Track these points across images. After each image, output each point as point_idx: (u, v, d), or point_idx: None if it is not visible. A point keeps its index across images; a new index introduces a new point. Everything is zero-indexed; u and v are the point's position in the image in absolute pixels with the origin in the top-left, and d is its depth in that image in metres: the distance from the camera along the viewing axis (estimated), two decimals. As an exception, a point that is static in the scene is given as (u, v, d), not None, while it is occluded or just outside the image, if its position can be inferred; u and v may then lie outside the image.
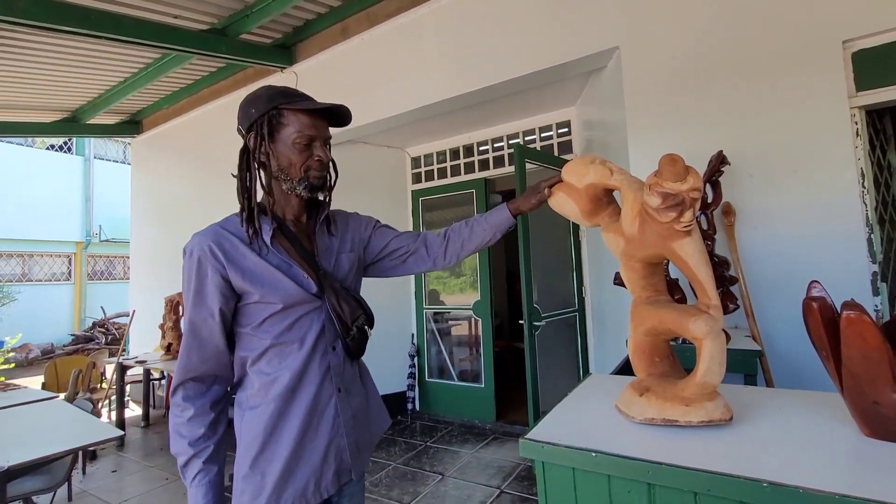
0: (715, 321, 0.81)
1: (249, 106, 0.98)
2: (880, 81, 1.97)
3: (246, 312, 0.96)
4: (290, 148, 0.96)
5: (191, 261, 0.94)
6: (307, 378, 0.96)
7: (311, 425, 0.96)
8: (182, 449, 0.91)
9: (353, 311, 1.00)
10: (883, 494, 0.55)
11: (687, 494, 0.64)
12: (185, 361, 0.93)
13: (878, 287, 1.93)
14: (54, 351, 9.03)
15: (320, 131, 0.99)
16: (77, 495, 2.90)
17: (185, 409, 0.93)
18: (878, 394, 0.69)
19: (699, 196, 0.79)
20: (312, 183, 0.99)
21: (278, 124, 0.96)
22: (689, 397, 0.82)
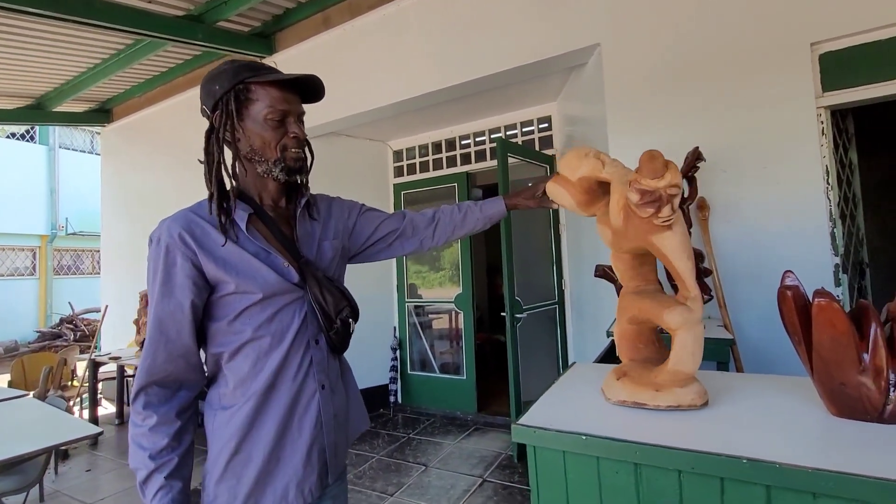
0: (691, 312, 0.85)
1: (212, 82, 0.89)
2: (845, 83, 2.06)
3: (220, 304, 0.88)
4: (261, 125, 0.88)
5: (157, 249, 0.85)
6: (287, 374, 0.89)
7: (292, 424, 0.89)
8: (142, 462, 0.81)
9: (336, 302, 0.94)
10: (849, 467, 0.59)
11: (671, 473, 0.68)
12: (148, 362, 0.84)
13: (839, 278, 2.04)
14: (18, 348, 8.67)
15: (293, 106, 0.91)
16: (49, 495, 2.82)
17: (146, 416, 0.83)
18: (844, 376, 0.75)
19: (677, 192, 0.81)
20: (289, 165, 0.91)
21: (246, 100, 0.88)
22: (660, 383, 0.87)
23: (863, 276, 2.81)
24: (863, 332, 0.74)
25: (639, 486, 0.70)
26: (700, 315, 0.86)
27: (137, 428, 0.83)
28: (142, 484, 0.82)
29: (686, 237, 0.84)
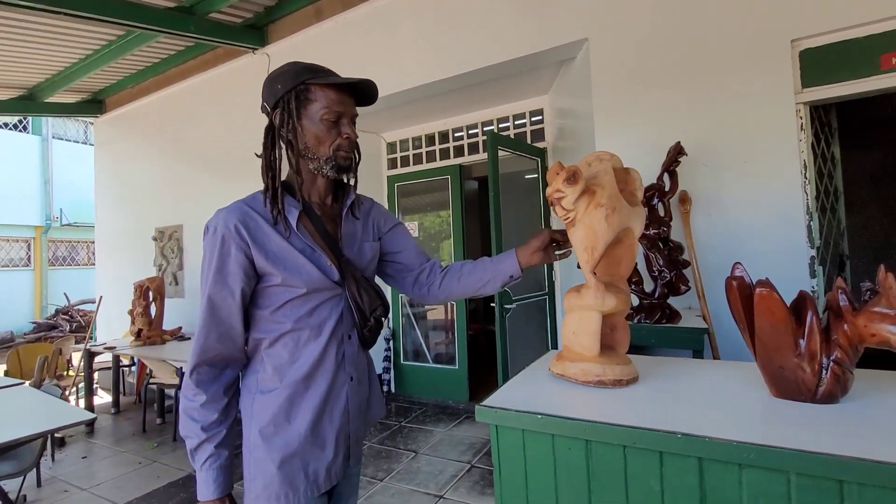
0: (577, 298, 0.99)
1: (274, 82, 0.95)
2: (824, 79, 2.11)
3: (266, 294, 0.93)
4: (317, 125, 0.93)
5: (214, 238, 0.91)
6: (324, 365, 0.95)
7: (325, 412, 0.95)
8: (193, 433, 0.89)
9: (371, 301, 0.98)
10: (773, 440, 0.65)
11: (617, 448, 0.73)
12: (202, 342, 0.90)
13: (815, 270, 2.10)
14: (14, 339, 8.70)
15: (348, 108, 0.96)
16: (46, 481, 2.88)
17: (197, 393, 0.90)
18: (783, 359, 0.80)
19: (561, 196, 0.95)
20: (340, 163, 0.95)
21: (305, 100, 0.93)
22: (560, 355, 1.03)
23: (842, 269, 2.88)
24: (801, 319, 0.80)
25: (589, 460, 0.76)
26: (587, 302, 0.96)
27: (190, 402, 0.91)
28: (193, 451, 0.90)
29: (588, 232, 0.94)
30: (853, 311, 0.77)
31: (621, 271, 1.03)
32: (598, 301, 0.95)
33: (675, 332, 1.81)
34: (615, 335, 1.03)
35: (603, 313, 0.95)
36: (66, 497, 2.68)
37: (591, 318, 0.96)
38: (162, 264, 4.71)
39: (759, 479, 0.64)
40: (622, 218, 0.94)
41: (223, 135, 4.21)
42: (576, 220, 0.95)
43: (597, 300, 0.95)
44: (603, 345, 0.98)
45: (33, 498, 2.67)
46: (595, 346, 0.95)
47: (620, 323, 1.02)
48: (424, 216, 4.56)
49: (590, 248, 0.94)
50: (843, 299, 0.79)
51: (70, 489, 2.77)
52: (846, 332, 0.78)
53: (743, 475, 0.65)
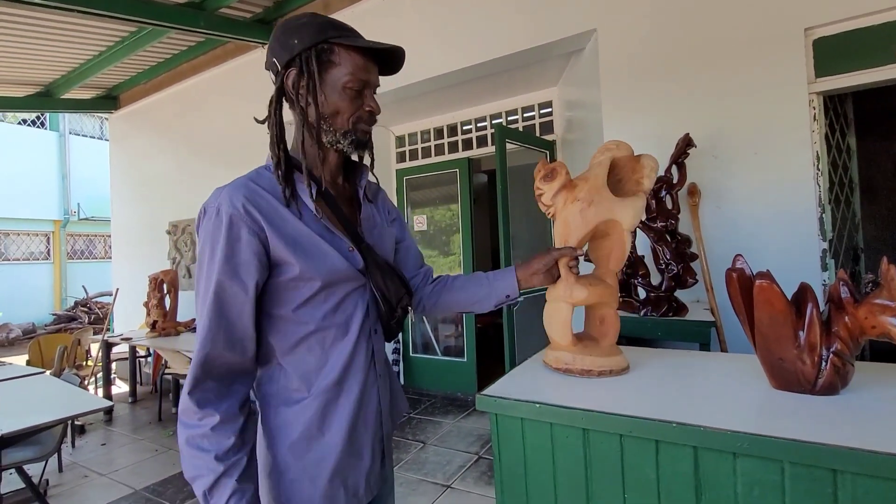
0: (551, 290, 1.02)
1: (290, 35, 0.78)
2: (839, 68, 2.06)
3: (279, 290, 0.78)
4: (339, 93, 0.79)
5: (217, 221, 0.74)
6: (355, 366, 0.82)
7: (360, 417, 0.83)
8: (206, 467, 0.69)
9: (398, 290, 0.86)
10: (768, 430, 0.65)
11: (614, 437, 0.74)
12: (205, 351, 0.72)
13: (826, 263, 2.07)
14: (35, 331, 8.96)
15: (373, 76, 0.83)
16: (67, 466, 2.98)
17: (205, 415, 0.71)
18: (782, 351, 0.80)
19: (539, 193, 1.03)
20: (359, 138, 0.82)
21: (328, 62, 0.78)
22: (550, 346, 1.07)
23: (857, 262, 2.83)
24: (802, 311, 0.80)
25: (586, 448, 0.77)
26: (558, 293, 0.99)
27: (195, 429, 0.71)
28: (207, 492, 0.70)
29: (562, 226, 0.99)
30: (854, 303, 0.77)
31: (610, 265, 1.03)
32: (566, 293, 0.98)
33: (682, 325, 1.81)
34: (602, 327, 1.04)
35: (573, 304, 0.98)
36: (86, 482, 2.78)
37: (560, 308, 0.99)
38: (176, 257, 4.81)
39: (753, 468, 0.65)
40: (601, 210, 0.95)
41: (234, 129, 4.26)
42: (556, 214, 1.00)
43: (565, 292, 0.98)
44: (587, 335, 1.02)
45: (55, 482, 2.77)
46: (565, 336, 0.99)
47: (609, 315, 1.03)
48: (433, 210, 4.58)
49: (562, 241, 0.99)
50: (845, 291, 0.79)
51: (90, 474, 2.87)
52: (847, 323, 0.78)
53: (737, 464, 0.66)
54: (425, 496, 2.41)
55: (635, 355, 1.13)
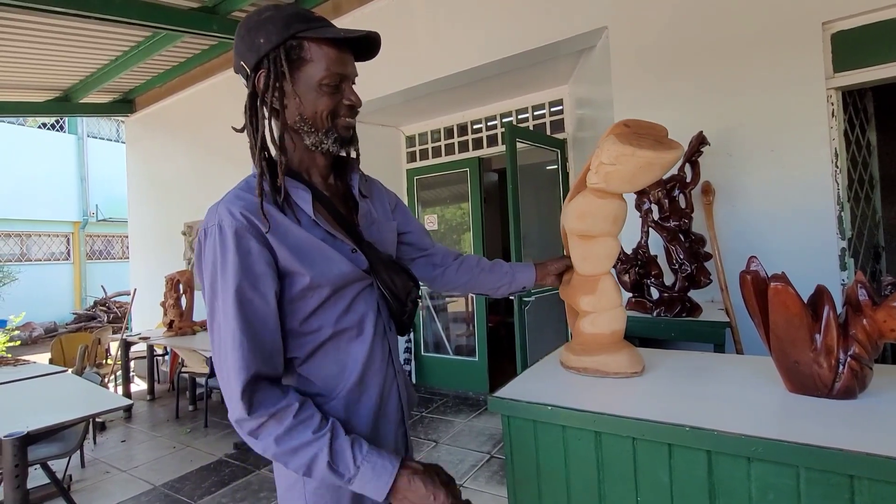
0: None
1: (255, 33, 0.73)
2: (858, 63, 2.02)
3: (289, 302, 0.75)
4: (315, 91, 0.74)
5: (222, 237, 0.70)
6: (373, 365, 0.82)
7: (381, 413, 0.83)
8: (312, 449, 0.67)
9: (405, 284, 0.84)
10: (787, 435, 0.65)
11: (626, 440, 0.74)
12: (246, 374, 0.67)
13: (845, 262, 2.03)
14: (57, 329, 9.19)
15: (350, 68, 0.77)
16: (89, 462, 3.06)
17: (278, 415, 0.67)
18: (798, 354, 0.79)
19: None
20: (342, 134, 0.78)
21: (298, 59, 0.73)
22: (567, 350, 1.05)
23: (878, 260, 2.77)
24: (819, 313, 0.79)
25: (598, 451, 0.77)
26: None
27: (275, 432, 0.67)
28: (332, 465, 0.67)
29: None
30: (872, 306, 0.76)
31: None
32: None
33: (696, 326, 1.79)
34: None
35: None
36: (107, 478, 2.85)
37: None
38: (191, 258, 4.89)
39: (767, 473, 0.64)
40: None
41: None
42: None
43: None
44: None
45: (78, 477, 2.85)
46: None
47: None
48: (444, 209, 4.58)
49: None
50: (863, 293, 0.77)
51: (111, 470, 2.94)
52: (865, 326, 0.76)
53: (752, 469, 0.65)
54: (438, 495, 2.42)
55: (648, 356, 1.12)
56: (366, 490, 0.67)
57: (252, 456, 3.04)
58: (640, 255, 2.04)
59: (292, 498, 0.78)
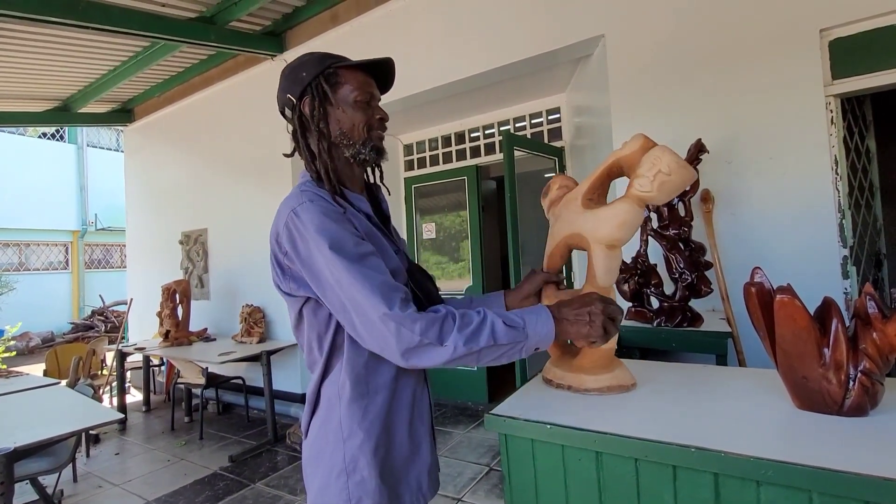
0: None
1: (297, 71, 0.88)
2: (856, 69, 2.01)
3: None
4: (351, 107, 0.87)
5: (312, 206, 0.78)
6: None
7: (416, 413, 0.87)
8: (486, 327, 0.72)
9: (431, 290, 0.92)
10: (797, 456, 0.62)
11: (628, 460, 0.71)
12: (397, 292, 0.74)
13: (847, 270, 2.00)
14: (54, 339, 9.12)
15: (375, 90, 0.92)
16: (82, 476, 3.00)
17: (448, 320, 0.73)
18: (806, 369, 0.76)
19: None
20: (377, 144, 0.90)
21: (335, 84, 0.87)
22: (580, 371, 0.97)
23: (879, 268, 2.74)
24: (826, 327, 0.76)
25: (600, 472, 0.74)
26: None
27: (457, 330, 0.72)
28: (507, 324, 0.73)
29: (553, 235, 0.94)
30: (883, 319, 0.73)
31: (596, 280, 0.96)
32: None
33: (697, 336, 1.76)
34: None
35: None
36: (100, 492, 2.79)
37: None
38: (188, 267, 4.86)
39: (778, 498, 0.61)
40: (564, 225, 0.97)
41: (244, 140, 4.31)
42: None
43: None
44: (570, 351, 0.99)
45: (70, 492, 2.79)
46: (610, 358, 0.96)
47: None
48: (442, 217, 4.56)
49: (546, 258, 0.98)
50: (872, 306, 0.75)
51: (104, 485, 2.88)
52: (875, 340, 0.74)
53: (761, 492, 0.62)
54: (436, 509, 2.37)
55: (649, 369, 1.09)
56: (540, 333, 0.73)
57: (247, 469, 2.98)
58: (639, 263, 2.02)
59: (333, 494, 0.80)
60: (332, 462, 0.81)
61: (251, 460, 3.13)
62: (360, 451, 0.80)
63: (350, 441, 0.80)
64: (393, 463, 0.82)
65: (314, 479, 0.84)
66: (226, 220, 4.48)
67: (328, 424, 0.83)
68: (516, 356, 0.74)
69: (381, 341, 0.73)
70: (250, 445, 3.36)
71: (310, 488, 0.85)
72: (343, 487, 0.79)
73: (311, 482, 0.84)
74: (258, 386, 3.78)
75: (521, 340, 0.72)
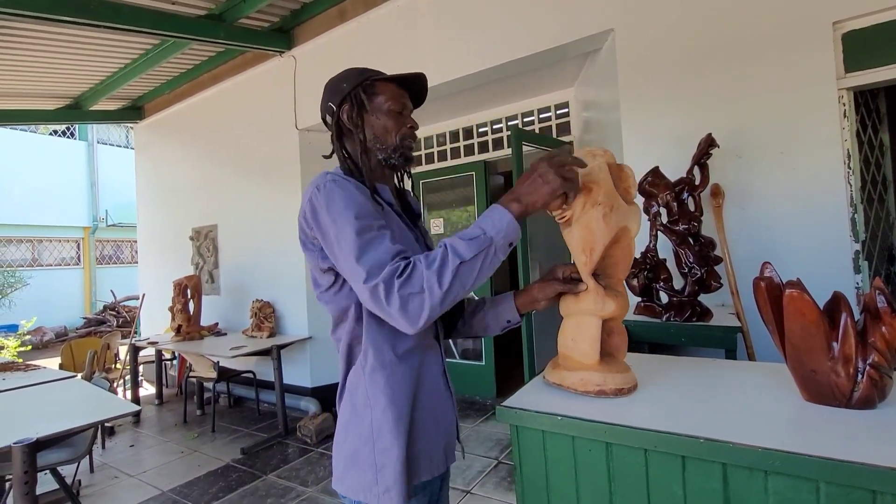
0: (576, 302, 0.92)
1: (340, 82, 0.98)
2: (870, 62, 1.98)
3: None
4: (385, 115, 0.96)
5: (335, 186, 0.85)
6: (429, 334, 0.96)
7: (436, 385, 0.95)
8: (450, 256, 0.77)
9: None
10: (804, 447, 0.63)
11: (638, 451, 0.73)
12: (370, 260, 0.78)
13: (859, 265, 1.99)
14: (68, 334, 9.29)
15: (408, 102, 1.01)
16: (98, 467, 3.08)
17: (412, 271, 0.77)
18: (815, 363, 0.77)
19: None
20: (406, 152, 0.98)
21: (372, 94, 0.97)
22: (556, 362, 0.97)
23: (892, 263, 2.71)
24: (836, 321, 0.76)
25: (609, 463, 0.76)
26: (587, 307, 0.90)
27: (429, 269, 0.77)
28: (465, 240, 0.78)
29: (586, 233, 0.86)
30: (892, 313, 0.74)
31: (619, 273, 0.96)
32: (597, 305, 0.88)
33: (707, 331, 1.76)
34: (612, 340, 0.96)
35: (602, 318, 0.90)
36: (116, 483, 2.86)
37: (591, 323, 0.90)
38: (199, 263, 4.92)
39: (786, 488, 0.62)
40: (619, 216, 0.87)
41: (253, 136, 4.34)
42: (572, 219, 0.88)
43: (596, 304, 0.88)
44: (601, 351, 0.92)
45: (87, 483, 2.87)
46: (595, 353, 0.89)
47: (618, 327, 0.96)
48: (450, 212, 4.58)
49: (588, 250, 0.87)
50: (881, 300, 0.75)
51: (120, 475, 2.95)
52: (884, 334, 0.74)
53: (769, 482, 0.63)
54: (445, 501, 2.40)
55: (658, 363, 1.10)
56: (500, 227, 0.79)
57: (259, 461, 3.04)
58: (648, 259, 2.02)
59: (363, 458, 0.87)
60: (360, 430, 0.88)
61: (263, 452, 3.19)
62: (383, 418, 0.86)
63: (375, 409, 0.87)
64: (415, 432, 0.88)
65: (344, 445, 0.91)
66: (235, 216, 4.53)
67: (355, 394, 0.90)
68: (497, 259, 0.80)
69: (378, 309, 0.78)
70: (261, 438, 3.41)
71: (338, 453, 0.92)
72: (370, 453, 0.86)
73: (341, 448, 0.91)
74: (269, 380, 3.83)
75: (487, 244, 0.78)
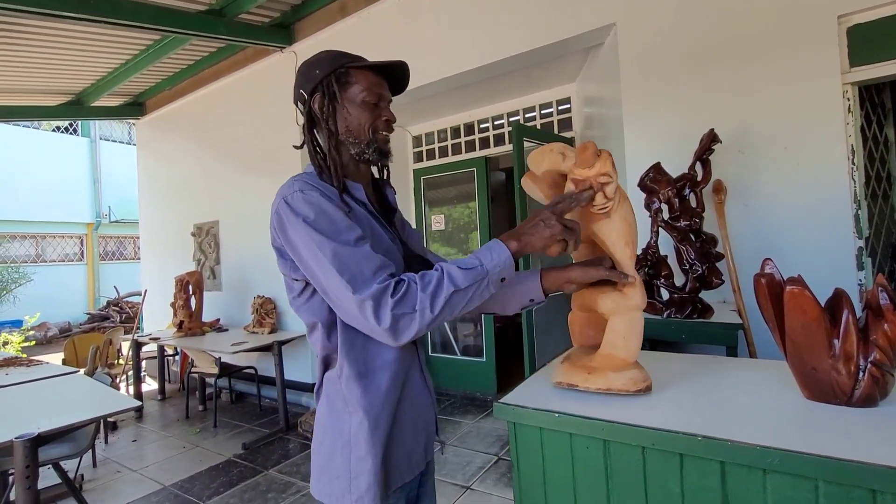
0: (624, 298, 0.86)
1: (312, 67, 0.91)
2: (875, 57, 1.96)
3: None
4: (358, 107, 0.89)
5: (306, 196, 0.81)
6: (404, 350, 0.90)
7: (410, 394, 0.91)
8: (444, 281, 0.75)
9: None
10: (804, 445, 0.62)
11: (636, 448, 0.72)
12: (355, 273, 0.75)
13: (862, 262, 1.97)
14: (71, 329, 9.33)
15: (385, 91, 0.94)
16: (101, 462, 3.09)
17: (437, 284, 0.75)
18: (815, 360, 0.77)
19: (608, 181, 0.82)
20: (381, 146, 0.92)
21: (346, 83, 0.89)
22: (594, 366, 0.88)
23: (896, 259, 2.69)
24: (837, 318, 0.76)
25: (607, 460, 0.75)
26: (636, 302, 0.85)
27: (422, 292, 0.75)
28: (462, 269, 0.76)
29: (626, 224, 0.84)
30: (894, 310, 0.73)
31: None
32: (644, 300, 0.86)
33: (707, 328, 1.76)
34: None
35: None
36: (118, 477, 2.87)
37: (641, 319, 0.87)
38: (200, 259, 4.93)
39: (784, 486, 0.62)
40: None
41: (254, 132, 4.33)
42: (611, 211, 0.83)
43: (644, 299, 0.85)
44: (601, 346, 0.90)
45: (90, 477, 2.88)
46: (638, 350, 0.87)
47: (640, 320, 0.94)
48: (451, 209, 4.57)
49: (631, 243, 0.84)
50: (884, 297, 0.74)
51: (122, 470, 2.97)
52: (887, 332, 0.73)
53: (767, 481, 0.63)
54: (445, 497, 2.41)
55: (659, 360, 1.10)
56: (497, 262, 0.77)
57: (260, 457, 3.05)
58: (649, 255, 2.01)
59: (338, 463, 0.85)
60: (337, 435, 0.86)
61: (264, 448, 3.20)
62: (360, 428, 0.84)
63: (353, 416, 0.85)
64: (393, 440, 0.86)
65: (320, 449, 0.89)
66: (237, 213, 4.53)
67: (332, 397, 0.88)
68: (486, 293, 0.78)
69: (363, 324, 0.76)
70: (263, 433, 3.43)
71: (314, 464, 0.90)
72: (346, 459, 0.84)
73: (316, 459, 0.90)
74: (270, 375, 3.84)
75: (482, 276, 0.76)
